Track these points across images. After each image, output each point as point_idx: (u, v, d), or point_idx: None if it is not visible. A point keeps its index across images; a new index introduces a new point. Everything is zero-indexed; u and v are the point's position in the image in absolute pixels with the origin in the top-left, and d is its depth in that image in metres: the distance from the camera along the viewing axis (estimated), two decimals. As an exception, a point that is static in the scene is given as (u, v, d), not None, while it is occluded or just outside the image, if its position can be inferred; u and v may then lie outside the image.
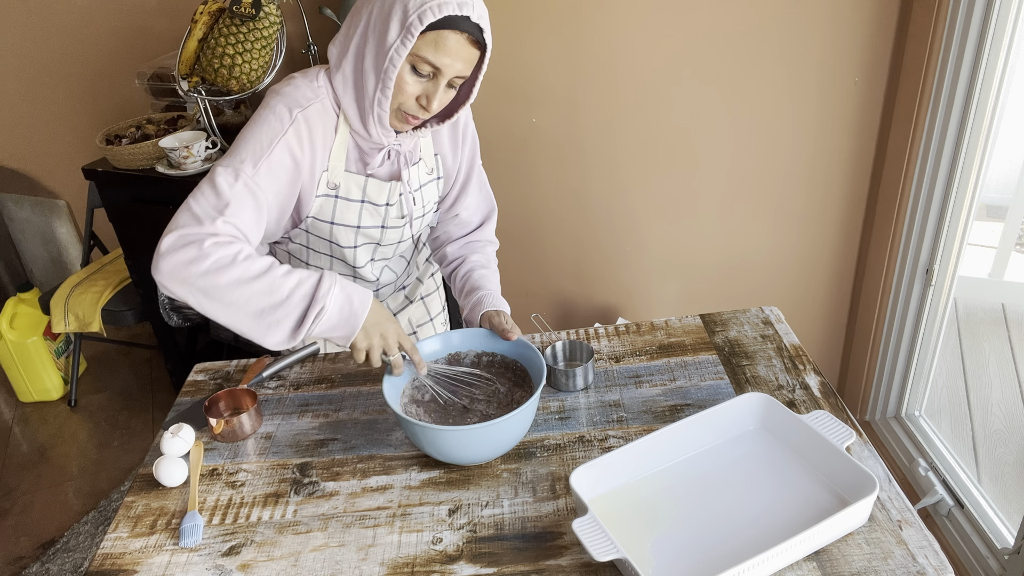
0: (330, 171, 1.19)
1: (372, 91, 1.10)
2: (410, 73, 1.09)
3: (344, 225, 1.24)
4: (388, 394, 1.11)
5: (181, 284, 1.02)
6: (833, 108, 1.97)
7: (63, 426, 2.74)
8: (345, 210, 1.23)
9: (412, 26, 1.03)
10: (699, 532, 0.97)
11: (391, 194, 1.25)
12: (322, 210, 1.22)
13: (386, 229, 1.29)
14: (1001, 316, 2.46)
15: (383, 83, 1.08)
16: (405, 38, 1.04)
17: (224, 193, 1.06)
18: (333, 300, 1.05)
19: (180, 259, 1.02)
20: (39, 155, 2.96)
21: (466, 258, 1.40)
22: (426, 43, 1.05)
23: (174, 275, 1.02)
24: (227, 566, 1.00)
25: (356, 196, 1.23)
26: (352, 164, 1.21)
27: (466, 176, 1.38)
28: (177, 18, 2.48)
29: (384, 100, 1.10)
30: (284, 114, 1.11)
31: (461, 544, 1.00)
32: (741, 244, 2.24)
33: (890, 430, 2.16)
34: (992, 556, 1.71)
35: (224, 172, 1.08)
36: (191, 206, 1.07)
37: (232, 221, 1.06)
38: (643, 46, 2.00)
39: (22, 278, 3.26)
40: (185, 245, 1.02)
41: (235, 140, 1.13)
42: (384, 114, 1.12)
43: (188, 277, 1.01)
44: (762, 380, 1.25)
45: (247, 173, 1.08)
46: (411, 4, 1.03)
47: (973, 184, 1.77)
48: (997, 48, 1.62)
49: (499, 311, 1.28)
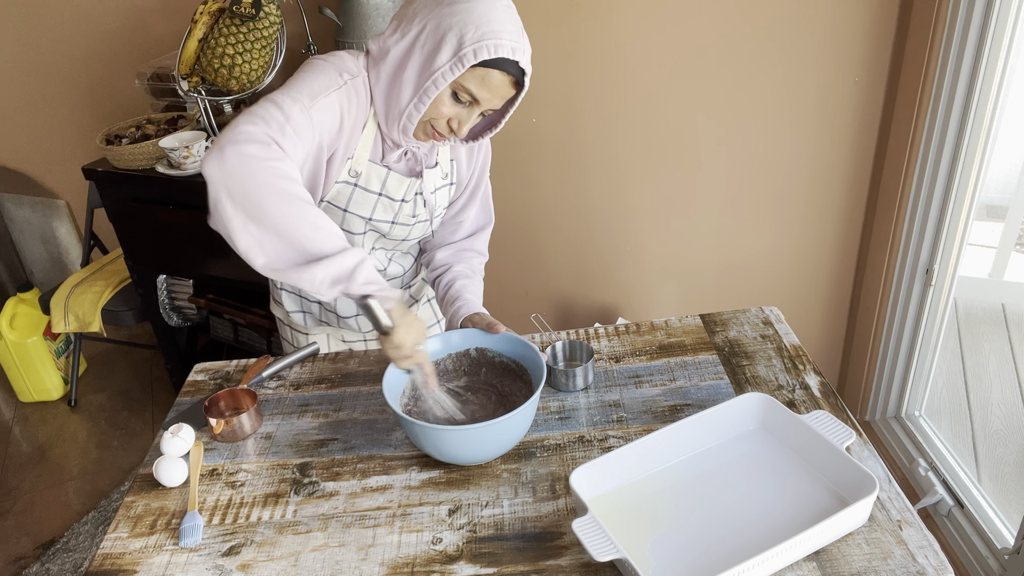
0: (355, 158, 1.19)
1: (406, 103, 1.11)
2: (449, 97, 1.11)
3: (356, 215, 1.25)
4: (388, 394, 1.11)
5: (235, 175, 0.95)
6: (833, 108, 1.97)
7: (63, 426, 2.74)
8: (361, 200, 1.23)
9: (465, 58, 1.04)
10: (699, 532, 0.97)
11: (408, 191, 1.26)
12: (338, 196, 1.22)
13: (395, 225, 1.29)
14: (1001, 316, 2.46)
15: (420, 99, 1.09)
16: (455, 66, 1.05)
17: (287, 109, 1.03)
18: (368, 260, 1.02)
19: (248, 150, 0.96)
20: (39, 155, 2.96)
21: (451, 267, 1.40)
22: (473, 76, 1.07)
23: (234, 164, 0.95)
24: (227, 566, 1.00)
25: (375, 188, 1.23)
26: (375, 154, 1.22)
27: (475, 186, 1.39)
28: (177, 18, 2.48)
29: (416, 115, 1.12)
30: (335, 74, 1.11)
31: (461, 544, 1.00)
32: (741, 244, 2.24)
33: (890, 430, 2.16)
34: (992, 556, 1.71)
35: (282, 97, 1.04)
36: (257, 112, 1.01)
37: (292, 138, 1.02)
38: (643, 46, 2.00)
39: (22, 278, 3.26)
40: (255, 140, 0.97)
41: (287, 83, 1.09)
42: (411, 126, 1.13)
43: (246, 171, 0.95)
44: (762, 380, 1.25)
45: (304, 103, 1.05)
46: (468, 35, 1.04)
47: (973, 184, 1.77)
48: (997, 48, 1.62)
49: (477, 313, 1.28)
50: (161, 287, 2.49)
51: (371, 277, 1.02)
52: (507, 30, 1.06)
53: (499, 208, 2.31)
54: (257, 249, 0.98)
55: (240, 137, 0.97)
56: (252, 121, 1.00)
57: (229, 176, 0.95)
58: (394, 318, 1.05)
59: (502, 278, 2.48)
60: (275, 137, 0.99)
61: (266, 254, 0.98)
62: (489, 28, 1.04)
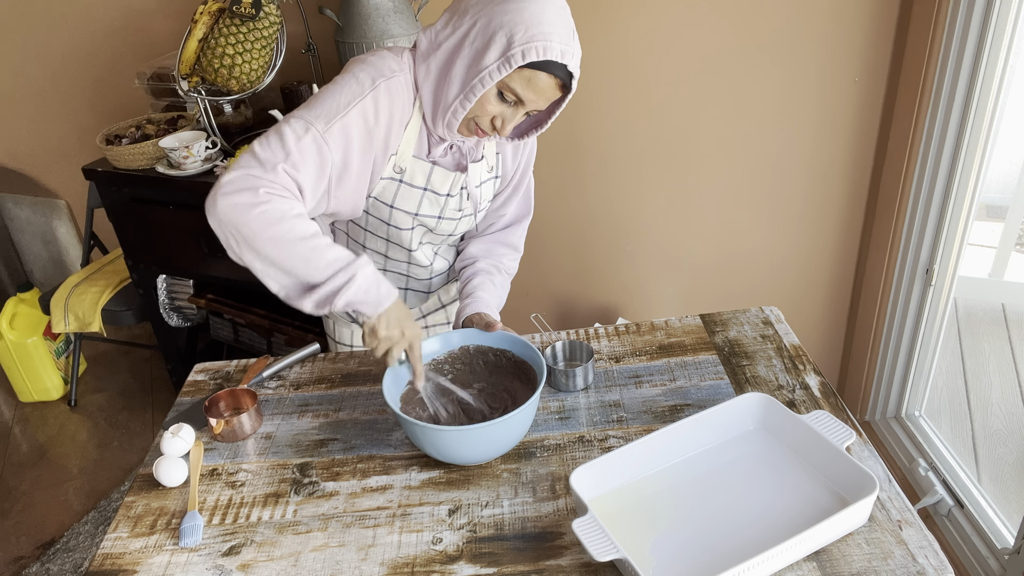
0: (399, 155, 1.19)
1: (452, 98, 1.11)
2: (495, 96, 1.10)
3: (403, 211, 1.25)
4: (388, 394, 1.11)
5: (229, 225, 1.02)
6: (833, 108, 1.97)
7: (63, 426, 2.74)
8: (407, 195, 1.23)
9: (513, 58, 1.04)
10: (699, 532, 0.97)
11: (453, 185, 1.25)
12: (384, 192, 1.22)
13: (442, 220, 1.29)
14: (1001, 316, 2.46)
15: (466, 96, 1.09)
16: (502, 66, 1.05)
17: (289, 143, 1.05)
18: (363, 276, 1.06)
19: (236, 200, 1.01)
20: (39, 155, 2.96)
21: (477, 261, 1.40)
22: (520, 77, 1.07)
23: (227, 214, 1.01)
24: (227, 566, 1.00)
25: (420, 183, 1.23)
26: (420, 149, 1.22)
27: (520, 180, 1.39)
28: (177, 18, 2.48)
29: (461, 111, 1.12)
30: (366, 80, 1.11)
31: (461, 544, 1.00)
32: (741, 244, 2.24)
33: (890, 430, 2.16)
34: (992, 556, 1.71)
35: (295, 123, 1.07)
36: (255, 150, 1.06)
37: (292, 174, 1.05)
38: (643, 46, 2.00)
39: (22, 278, 3.26)
40: (244, 189, 1.02)
41: (311, 98, 1.11)
42: (456, 122, 1.13)
43: (238, 220, 1.01)
44: (762, 380, 1.25)
45: (318, 129, 1.06)
46: (517, 35, 1.03)
47: (973, 184, 1.77)
48: (997, 48, 1.62)
49: (477, 312, 1.29)
50: (161, 287, 2.49)
51: (351, 299, 1.06)
52: (557, 32, 1.05)
53: (499, 208, 2.32)
54: (271, 280, 1.07)
55: (230, 187, 1.02)
56: (248, 164, 1.04)
57: (225, 226, 1.02)
58: (365, 333, 1.12)
59: (502, 278, 2.48)
60: (268, 177, 1.03)
61: (278, 283, 1.07)
62: (539, 30, 1.03)
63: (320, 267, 1.05)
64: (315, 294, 1.05)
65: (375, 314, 1.09)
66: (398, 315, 1.11)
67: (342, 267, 1.05)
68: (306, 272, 1.05)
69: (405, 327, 1.12)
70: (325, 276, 1.05)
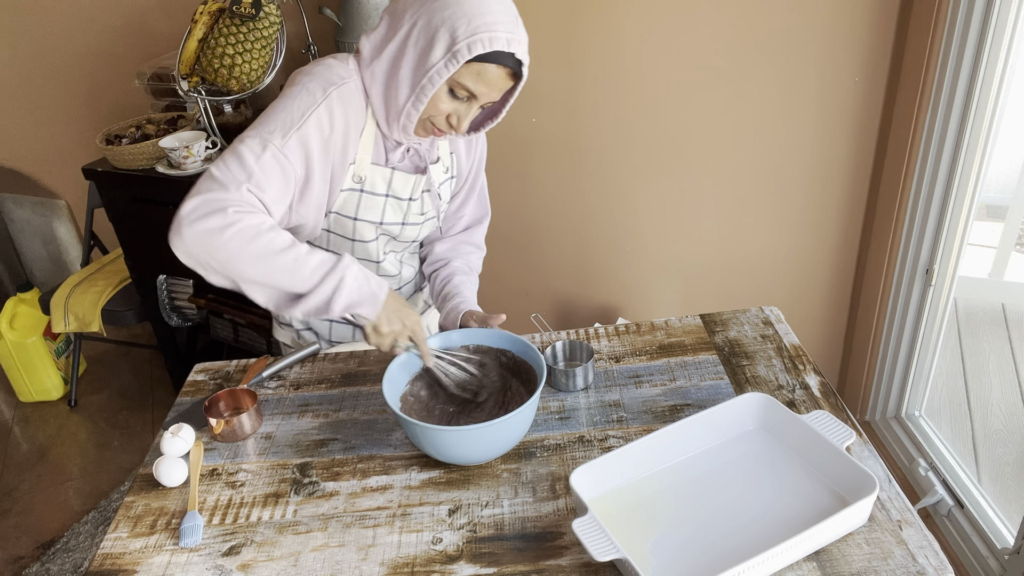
0: (357, 163, 1.17)
1: (403, 101, 1.10)
2: (446, 94, 1.09)
3: (367, 221, 1.24)
4: (388, 394, 1.11)
5: (202, 253, 0.99)
6: (833, 108, 1.97)
7: (63, 426, 2.74)
8: (369, 204, 1.22)
9: (459, 53, 1.02)
10: (699, 532, 0.97)
11: (415, 188, 1.25)
12: (345, 205, 1.21)
13: (406, 226, 1.29)
14: (1001, 316, 2.46)
15: (417, 97, 1.08)
16: (449, 63, 1.03)
17: (249, 163, 1.03)
18: (352, 276, 1.05)
19: (205, 226, 0.98)
20: (39, 155, 2.96)
21: (449, 262, 1.40)
22: (469, 72, 1.06)
23: (196, 242, 0.98)
24: (227, 566, 1.00)
25: (381, 190, 1.22)
26: (378, 156, 1.21)
27: (474, 178, 1.39)
28: (177, 18, 2.48)
29: (415, 114, 1.10)
30: (317, 90, 1.09)
31: (461, 544, 1.00)
32: (741, 244, 2.24)
33: (890, 430, 2.16)
34: (992, 556, 1.71)
35: (251, 142, 1.04)
36: (213, 173, 1.03)
37: (256, 193, 1.03)
38: (643, 46, 2.00)
39: (22, 278, 3.26)
40: (210, 213, 0.99)
41: (262, 115, 1.09)
42: (411, 124, 1.12)
43: (210, 246, 0.98)
44: (762, 380, 1.25)
45: (276, 144, 1.04)
46: (460, 30, 1.02)
47: (973, 184, 1.77)
48: (997, 48, 1.62)
49: (472, 311, 1.29)
50: (161, 287, 2.49)
51: (350, 301, 1.05)
52: (500, 21, 1.03)
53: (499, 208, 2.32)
54: (257, 295, 1.05)
55: (195, 215, 0.99)
56: (209, 188, 1.01)
57: (197, 256, 1.00)
58: (366, 332, 1.11)
59: (502, 278, 2.48)
60: (233, 198, 1.01)
61: (264, 297, 1.06)
62: (482, 21, 1.02)
63: (305, 275, 1.03)
64: (304, 303, 1.04)
65: (375, 314, 1.09)
66: (395, 306, 1.11)
67: (328, 271, 1.04)
68: (291, 283, 1.03)
69: (404, 317, 1.12)
70: (312, 284, 1.03)
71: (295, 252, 1.03)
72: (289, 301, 1.05)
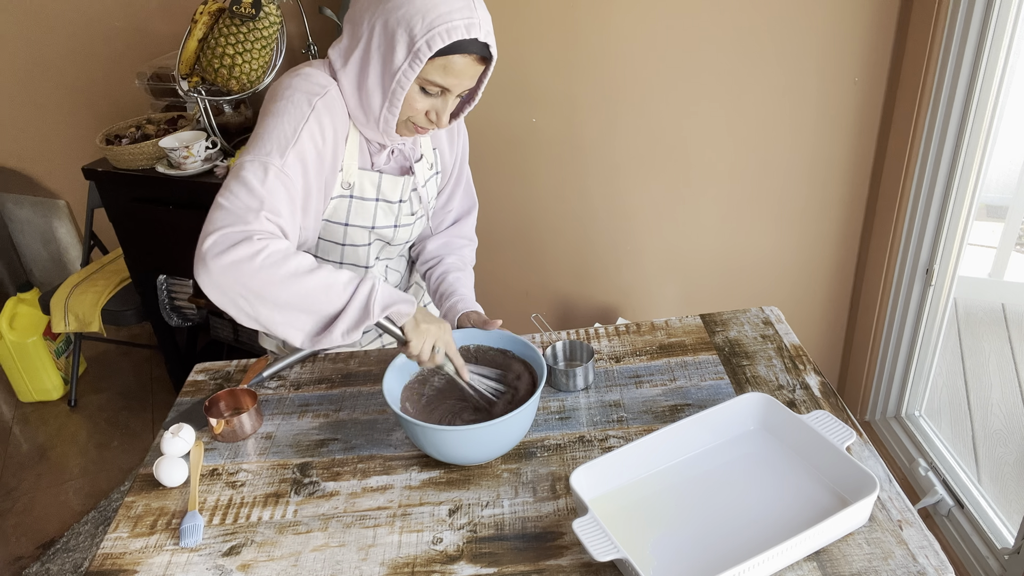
0: (345, 170, 1.17)
1: (378, 107, 1.09)
2: (418, 93, 1.08)
3: (358, 226, 1.23)
4: (388, 394, 1.11)
5: (233, 284, 0.96)
6: (833, 108, 1.97)
7: (63, 426, 2.74)
8: (360, 210, 1.22)
9: (420, 51, 1.01)
10: (699, 532, 0.97)
11: (404, 190, 1.25)
12: (336, 212, 1.20)
13: (398, 228, 1.28)
14: (1001, 316, 2.46)
15: (390, 102, 1.07)
16: (412, 63, 1.02)
17: (256, 189, 1.01)
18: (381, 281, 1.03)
19: (232, 258, 0.95)
20: (39, 155, 2.96)
21: (442, 259, 1.40)
22: (434, 67, 1.04)
23: (226, 275, 0.95)
24: (227, 566, 1.00)
25: (371, 194, 1.21)
26: (364, 161, 1.20)
27: (459, 171, 1.39)
28: (177, 18, 2.48)
29: (392, 118, 1.10)
30: (303, 103, 1.07)
31: (461, 544, 1.00)
32: (741, 244, 2.24)
33: (890, 430, 2.16)
34: (992, 556, 1.71)
35: (251, 167, 1.03)
36: (224, 206, 1.00)
37: (273, 219, 1.01)
38: (643, 46, 2.00)
39: (22, 278, 3.26)
40: (235, 244, 0.96)
41: (254, 133, 1.08)
42: (390, 128, 1.12)
43: (241, 276, 0.95)
44: (762, 380, 1.25)
45: (276, 165, 1.03)
46: (416, 28, 1.00)
47: (973, 184, 1.77)
48: (997, 48, 1.62)
49: (472, 311, 1.29)
50: (161, 287, 2.49)
51: (387, 301, 1.02)
52: (455, 9, 1.00)
53: (499, 208, 2.32)
54: (291, 328, 1.00)
55: (219, 246, 0.96)
56: (226, 221, 0.98)
57: (228, 289, 0.97)
58: (407, 331, 1.07)
59: (502, 278, 2.48)
60: (253, 228, 0.98)
61: (299, 329, 1.01)
62: (436, 14, 1.00)
63: (339, 291, 1.00)
64: (343, 319, 1.00)
65: (413, 311, 1.06)
66: (426, 312, 1.11)
67: (360, 280, 1.02)
68: (328, 302, 1.00)
69: (437, 323, 1.10)
70: (348, 295, 1.00)
71: (324, 271, 1.01)
72: (324, 326, 1.01)
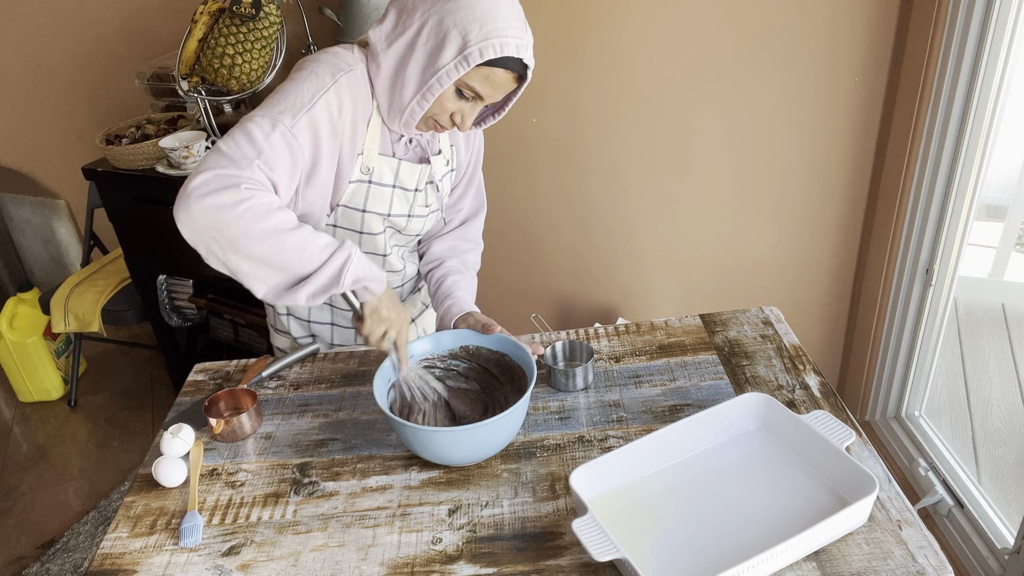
0: (365, 153, 1.17)
1: (409, 99, 1.10)
2: (453, 94, 1.10)
3: (375, 213, 1.24)
4: (379, 396, 1.11)
5: (210, 228, 0.96)
6: (833, 108, 1.97)
7: (63, 426, 2.74)
8: (377, 196, 1.22)
9: (470, 56, 1.03)
10: (699, 532, 0.97)
11: (420, 179, 1.25)
12: (354, 197, 1.21)
13: (412, 218, 1.29)
14: (1001, 316, 2.46)
15: (423, 96, 1.09)
16: (459, 65, 1.04)
17: (259, 140, 1.01)
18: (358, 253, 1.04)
19: (215, 201, 0.95)
20: (39, 155, 2.96)
21: (444, 261, 1.40)
22: (477, 74, 1.07)
23: (205, 217, 0.95)
24: (227, 566, 1.00)
25: (388, 180, 1.22)
26: (384, 146, 1.21)
27: (472, 172, 1.39)
28: (177, 18, 2.48)
29: (419, 111, 1.11)
30: (326, 75, 1.08)
31: (461, 544, 1.00)
32: (741, 244, 2.24)
33: (890, 430, 2.16)
34: (992, 556, 1.71)
35: (260, 120, 1.03)
36: (222, 149, 1.00)
37: (266, 171, 1.01)
38: (644, 46, 2.00)
39: (22, 278, 3.26)
40: (222, 188, 0.96)
41: (269, 97, 1.07)
42: (413, 121, 1.13)
43: (220, 221, 0.95)
44: (762, 380, 1.25)
45: (285, 124, 1.03)
46: (472, 34, 1.02)
47: (973, 184, 1.77)
48: (997, 48, 1.62)
49: (470, 312, 1.28)
50: (161, 287, 2.49)
51: (359, 275, 1.04)
52: (512, 27, 1.04)
53: (500, 208, 2.32)
54: (257, 281, 1.02)
55: (205, 187, 0.96)
56: (219, 163, 0.99)
57: (204, 231, 0.97)
58: (366, 310, 1.09)
59: (502, 278, 2.48)
60: (245, 175, 0.98)
61: (265, 283, 1.02)
62: (494, 26, 1.03)
63: (314, 254, 1.01)
64: (313, 281, 1.01)
65: (381, 291, 1.08)
66: (394, 297, 1.12)
67: (336, 248, 1.03)
68: (300, 263, 1.00)
69: (400, 311, 1.12)
70: (321, 261, 1.01)
71: (304, 231, 1.01)
72: (291, 285, 1.02)
